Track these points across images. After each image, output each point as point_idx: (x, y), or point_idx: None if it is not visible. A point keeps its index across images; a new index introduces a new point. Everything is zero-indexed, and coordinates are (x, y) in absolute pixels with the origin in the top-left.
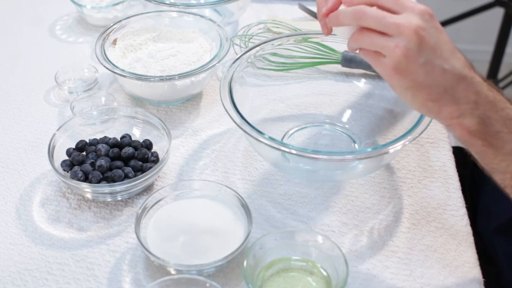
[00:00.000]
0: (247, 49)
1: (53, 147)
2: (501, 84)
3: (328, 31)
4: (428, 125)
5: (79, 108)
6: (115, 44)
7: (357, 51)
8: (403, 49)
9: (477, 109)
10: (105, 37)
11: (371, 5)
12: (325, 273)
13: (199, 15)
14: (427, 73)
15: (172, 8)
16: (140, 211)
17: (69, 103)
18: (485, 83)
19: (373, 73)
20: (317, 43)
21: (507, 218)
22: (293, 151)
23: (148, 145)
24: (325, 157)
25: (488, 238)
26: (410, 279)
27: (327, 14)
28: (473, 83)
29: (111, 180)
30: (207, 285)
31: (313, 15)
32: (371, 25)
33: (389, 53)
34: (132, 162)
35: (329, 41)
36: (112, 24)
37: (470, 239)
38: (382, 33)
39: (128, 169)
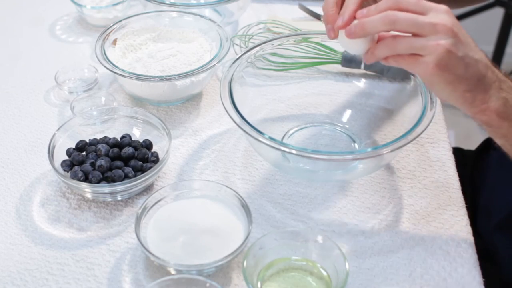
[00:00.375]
0: (247, 49)
1: (53, 147)
2: None
3: (335, 35)
4: (428, 125)
5: (79, 108)
6: (115, 44)
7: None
8: (445, 45)
9: (501, 93)
10: (105, 37)
11: (395, 10)
12: (325, 273)
13: (199, 15)
14: (465, 65)
15: (172, 8)
16: (140, 211)
17: (69, 103)
18: (499, 71)
19: (373, 73)
20: (317, 43)
21: (507, 213)
22: (293, 151)
23: (148, 145)
24: (325, 157)
25: (488, 236)
26: (410, 279)
27: (345, 26)
28: (494, 70)
29: (111, 180)
30: (207, 285)
31: (313, 15)
32: (405, 27)
33: (430, 52)
34: (132, 162)
35: (329, 41)
36: (112, 24)
37: (470, 239)
38: (415, 35)
39: (128, 169)
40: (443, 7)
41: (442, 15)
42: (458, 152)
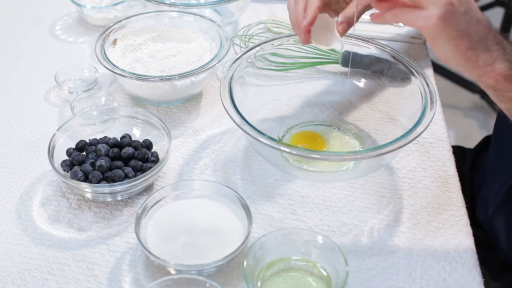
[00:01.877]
0: (247, 49)
1: (53, 147)
2: None
3: (306, 38)
4: (428, 125)
5: (79, 108)
6: (115, 44)
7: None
8: None
9: (505, 55)
10: (105, 37)
11: None
12: (325, 273)
13: (199, 15)
14: (467, 22)
15: (172, 8)
16: (140, 211)
17: (69, 103)
18: (501, 36)
19: (373, 73)
20: None
21: (500, 196)
22: (293, 151)
23: (148, 145)
24: (324, 157)
25: (488, 224)
26: (410, 279)
27: (309, 25)
28: (496, 33)
29: (111, 180)
30: (207, 285)
31: None
32: None
33: (434, 2)
34: (132, 162)
35: None
36: (112, 24)
37: (470, 239)
38: None
39: (128, 169)
40: None
41: None
42: (458, 150)
